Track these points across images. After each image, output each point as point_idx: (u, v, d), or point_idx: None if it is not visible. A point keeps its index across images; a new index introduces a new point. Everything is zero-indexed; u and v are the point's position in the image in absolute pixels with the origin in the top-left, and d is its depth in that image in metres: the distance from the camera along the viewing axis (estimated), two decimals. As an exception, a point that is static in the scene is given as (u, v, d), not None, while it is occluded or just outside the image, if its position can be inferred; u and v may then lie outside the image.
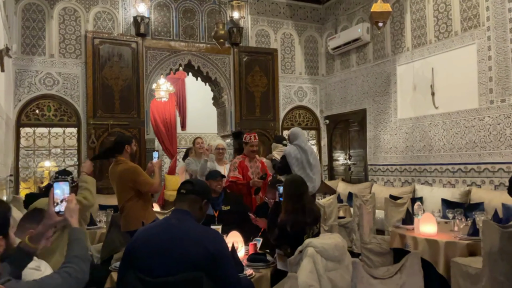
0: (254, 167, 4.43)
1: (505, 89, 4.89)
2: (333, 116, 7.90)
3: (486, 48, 5.11)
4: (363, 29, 6.86)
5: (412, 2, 6.20)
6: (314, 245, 2.15)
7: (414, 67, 6.15)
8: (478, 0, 5.21)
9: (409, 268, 1.88)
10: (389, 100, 6.60)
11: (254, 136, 4.47)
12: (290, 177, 3.16)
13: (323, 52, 8.06)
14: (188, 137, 9.95)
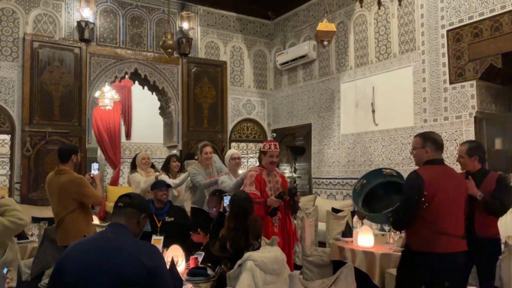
0: (273, 182, 3.69)
1: (437, 109, 5.24)
2: (280, 129, 8.03)
3: (421, 70, 5.46)
4: (309, 46, 7.09)
5: (355, 24, 6.51)
6: (254, 259, 2.16)
7: (356, 85, 6.43)
8: (414, 26, 5.57)
9: (343, 280, 1.94)
10: (333, 116, 6.84)
11: (275, 145, 3.70)
12: (238, 194, 3.10)
13: (271, 67, 8.22)
14: (132, 147, 9.67)
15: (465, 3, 4.96)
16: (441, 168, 2.65)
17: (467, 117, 4.91)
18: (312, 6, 7.35)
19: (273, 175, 3.74)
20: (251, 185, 3.55)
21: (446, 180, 2.57)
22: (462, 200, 2.63)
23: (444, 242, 2.46)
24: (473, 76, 4.86)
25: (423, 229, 2.49)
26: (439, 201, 2.45)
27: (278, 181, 3.72)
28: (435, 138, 2.74)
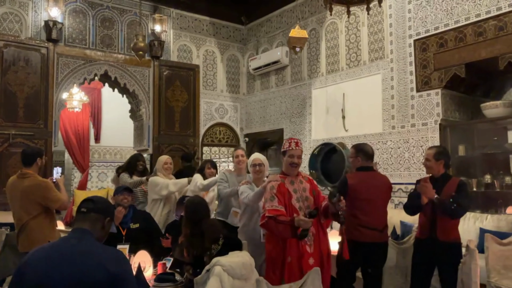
0: (299, 191, 2.90)
1: (405, 116, 5.39)
2: (252, 134, 8.06)
3: (389, 78, 5.61)
4: (282, 52, 7.16)
5: (327, 31, 6.62)
6: (222, 264, 2.15)
7: (327, 91, 6.53)
8: (383, 34, 5.72)
9: (310, 284, 1.96)
10: (304, 121, 6.92)
11: (296, 142, 2.97)
12: (191, 199, 3.06)
13: (244, 72, 8.24)
14: (102, 150, 9.46)
15: (431, 14, 5.14)
16: (368, 174, 3.32)
17: (433, 124, 5.08)
18: (285, 12, 7.43)
19: (298, 182, 2.93)
20: (272, 200, 2.78)
21: (369, 184, 3.23)
22: (381, 200, 3.29)
23: (364, 233, 3.14)
24: (438, 85, 5.03)
25: (350, 221, 3.07)
26: (362, 200, 3.09)
27: (305, 188, 2.92)
28: (366, 150, 3.40)
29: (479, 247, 3.46)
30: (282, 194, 2.84)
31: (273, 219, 2.69)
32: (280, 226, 2.67)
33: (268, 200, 2.83)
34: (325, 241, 2.95)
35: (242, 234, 3.40)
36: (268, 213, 2.72)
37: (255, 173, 3.57)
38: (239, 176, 3.97)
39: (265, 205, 2.84)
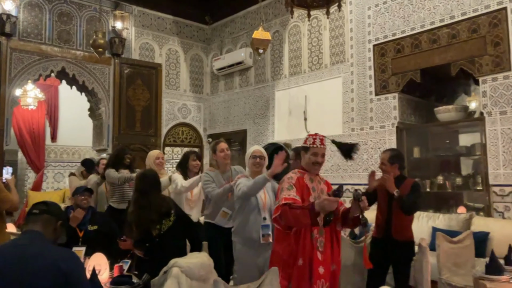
0: (317, 190, 2.65)
1: (364, 119, 5.54)
2: (216, 134, 8.01)
3: (349, 81, 5.75)
4: (246, 53, 7.18)
5: (290, 34, 6.70)
6: (180, 265, 2.13)
7: (290, 93, 6.61)
8: (344, 39, 5.86)
9: (268, 284, 1.97)
10: (267, 122, 6.96)
11: (321, 140, 2.69)
12: (142, 171, 3.04)
13: (208, 72, 8.19)
14: (59, 149, 9.11)
15: (389, 20, 5.32)
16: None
17: (390, 127, 5.25)
18: (249, 14, 7.45)
19: (317, 181, 2.68)
20: (290, 189, 2.50)
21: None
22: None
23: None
24: (396, 89, 5.21)
25: None
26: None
27: (323, 190, 2.68)
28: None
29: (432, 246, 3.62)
30: (301, 187, 2.57)
31: (288, 206, 2.37)
32: (297, 211, 2.33)
33: (284, 189, 2.50)
34: (338, 252, 2.61)
35: (237, 235, 3.12)
36: (284, 200, 2.42)
37: (254, 165, 3.20)
38: (224, 174, 3.56)
39: (281, 194, 2.50)
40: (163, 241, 2.78)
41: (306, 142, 2.69)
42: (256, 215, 3.05)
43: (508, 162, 4.19)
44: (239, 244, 3.08)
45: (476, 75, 4.51)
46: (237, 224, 3.15)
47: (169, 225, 2.75)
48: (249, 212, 3.08)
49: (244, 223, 3.06)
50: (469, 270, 3.29)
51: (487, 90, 4.40)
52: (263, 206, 3.08)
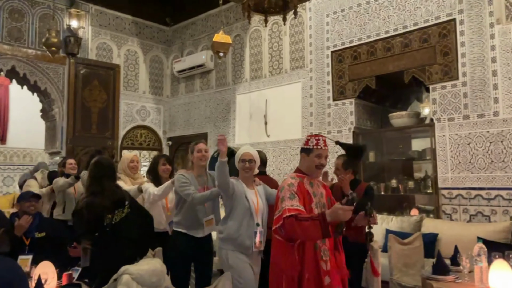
0: (318, 195, 2.48)
1: (322, 123, 5.65)
2: (176, 137, 7.91)
3: (308, 87, 5.85)
4: (207, 56, 7.14)
5: (251, 38, 6.73)
6: (130, 272, 2.07)
7: (251, 97, 6.64)
8: (304, 44, 5.96)
9: (220, 289, 1.96)
10: (228, 126, 6.95)
11: (324, 140, 2.50)
12: (96, 158, 2.90)
13: (168, 74, 8.08)
14: (8, 152, 8.67)
15: (347, 28, 5.46)
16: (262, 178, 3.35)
17: (347, 132, 5.38)
18: (211, 16, 7.43)
19: (316, 185, 2.51)
20: (292, 198, 2.28)
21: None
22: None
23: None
24: (352, 95, 5.35)
25: None
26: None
27: (322, 194, 2.53)
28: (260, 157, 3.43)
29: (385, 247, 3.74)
30: (302, 195, 2.36)
31: (294, 218, 2.17)
32: (305, 223, 2.13)
33: (286, 199, 2.29)
34: (342, 260, 2.47)
35: (228, 242, 2.88)
36: (289, 212, 2.20)
37: (244, 170, 2.98)
38: (199, 177, 3.25)
39: (279, 205, 2.30)
40: (114, 232, 2.61)
41: (308, 144, 2.50)
42: (248, 220, 2.87)
43: (455, 166, 4.40)
44: (230, 252, 2.84)
45: (426, 83, 4.71)
46: (227, 231, 2.89)
47: (122, 216, 2.63)
48: (241, 217, 2.87)
49: (236, 229, 2.85)
50: (418, 270, 3.42)
51: (436, 98, 4.61)
52: (256, 211, 2.90)
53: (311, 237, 2.21)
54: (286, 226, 2.18)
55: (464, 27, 4.44)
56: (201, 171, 3.28)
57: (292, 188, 2.33)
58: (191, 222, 3.15)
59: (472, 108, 4.33)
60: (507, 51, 4.14)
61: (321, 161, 2.44)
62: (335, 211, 2.10)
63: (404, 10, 4.93)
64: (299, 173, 2.49)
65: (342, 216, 2.10)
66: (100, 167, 2.79)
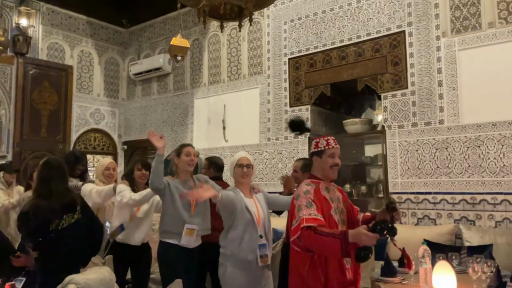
0: (335, 201, 2.34)
1: (279, 129, 5.72)
2: (131, 142, 7.73)
3: (266, 92, 5.91)
4: (165, 59, 7.05)
5: (209, 43, 6.72)
6: (76, 282, 2.00)
7: (209, 102, 6.61)
8: (262, 51, 6.02)
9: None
10: (186, 130, 6.88)
11: (334, 139, 2.42)
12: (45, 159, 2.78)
13: (124, 76, 7.89)
14: (-52, 156, 8.10)
15: (303, 35, 5.58)
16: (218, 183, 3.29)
17: (303, 137, 5.47)
18: (169, 20, 7.34)
19: (332, 190, 2.39)
20: (309, 207, 2.13)
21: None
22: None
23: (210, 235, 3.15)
24: (308, 101, 5.46)
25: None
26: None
27: (339, 199, 2.38)
28: (218, 163, 3.74)
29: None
30: (320, 202, 2.20)
31: (312, 229, 2.02)
32: (325, 239, 1.98)
33: (303, 207, 2.13)
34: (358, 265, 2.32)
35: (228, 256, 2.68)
36: (306, 222, 2.05)
37: (241, 176, 2.79)
38: (185, 181, 3.07)
39: (296, 214, 2.14)
40: (59, 238, 2.50)
41: (319, 146, 2.38)
42: (251, 232, 2.66)
43: (404, 171, 4.59)
44: (229, 268, 2.65)
45: (378, 91, 4.90)
46: (227, 244, 2.69)
47: (71, 222, 2.52)
48: (242, 231, 2.66)
49: (237, 243, 2.64)
50: (369, 272, 3.52)
51: (387, 105, 4.80)
52: (258, 222, 2.68)
53: (330, 254, 2.09)
54: (305, 237, 2.05)
55: (413, 39, 4.66)
56: (186, 176, 3.10)
57: (308, 196, 2.18)
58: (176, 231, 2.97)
59: (420, 116, 4.55)
60: (452, 62, 4.39)
61: (335, 160, 2.33)
62: (358, 236, 1.95)
63: (357, 20, 5.11)
64: (314, 179, 2.36)
65: (366, 242, 1.94)
66: (49, 168, 2.67)
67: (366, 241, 1.94)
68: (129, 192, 3.24)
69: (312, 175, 2.39)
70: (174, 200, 2.96)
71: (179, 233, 2.95)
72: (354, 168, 5.52)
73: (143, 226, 3.42)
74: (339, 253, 1.98)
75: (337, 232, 2.03)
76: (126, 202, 3.18)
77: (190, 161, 3.06)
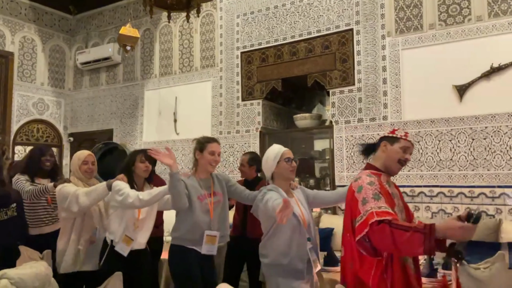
0: (396, 197, 2.09)
1: (231, 123, 5.73)
2: (78, 134, 7.43)
3: (219, 86, 5.88)
4: (114, 49, 6.82)
5: (161, 33, 6.58)
6: (9, 277, 1.90)
7: (160, 94, 6.48)
8: (214, 44, 5.98)
9: None
10: (136, 122, 6.71)
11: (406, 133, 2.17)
12: None
13: (71, 65, 7.56)
14: None
15: (256, 30, 5.61)
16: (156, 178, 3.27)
17: (254, 132, 5.52)
18: (119, 8, 7.11)
19: (392, 185, 2.13)
20: (377, 199, 1.86)
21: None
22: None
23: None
24: (260, 96, 5.51)
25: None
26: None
27: (398, 196, 2.12)
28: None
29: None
30: (386, 196, 1.93)
31: (386, 222, 1.74)
32: (406, 234, 1.69)
33: (370, 200, 1.85)
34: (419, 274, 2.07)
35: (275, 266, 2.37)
36: (377, 216, 1.77)
37: (290, 171, 2.49)
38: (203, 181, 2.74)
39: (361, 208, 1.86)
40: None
41: (394, 132, 2.12)
42: (299, 238, 2.35)
43: (350, 165, 4.76)
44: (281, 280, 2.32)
45: (327, 87, 5.03)
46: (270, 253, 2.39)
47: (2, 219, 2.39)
48: (289, 237, 2.34)
49: (285, 253, 2.32)
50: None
51: (335, 101, 4.94)
52: (304, 223, 2.38)
53: (407, 251, 1.79)
54: (375, 234, 1.76)
55: (360, 37, 4.82)
56: (206, 175, 2.78)
57: (375, 188, 1.91)
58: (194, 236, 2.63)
59: (365, 112, 4.72)
60: (396, 61, 4.59)
61: (406, 156, 2.08)
62: (452, 228, 1.65)
63: (308, 17, 5.21)
64: (374, 171, 2.08)
65: (462, 236, 1.65)
66: None
67: (462, 235, 1.65)
68: (133, 191, 2.76)
69: (372, 166, 2.12)
70: (191, 202, 2.61)
71: (198, 240, 2.63)
72: (303, 162, 5.63)
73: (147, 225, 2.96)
74: (421, 249, 1.67)
75: (420, 226, 1.70)
76: (131, 203, 2.69)
77: (213, 161, 2.74)
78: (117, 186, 2.76)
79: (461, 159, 4.18)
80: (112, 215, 2.83)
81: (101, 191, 2.81)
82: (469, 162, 4.14)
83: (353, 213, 1.92)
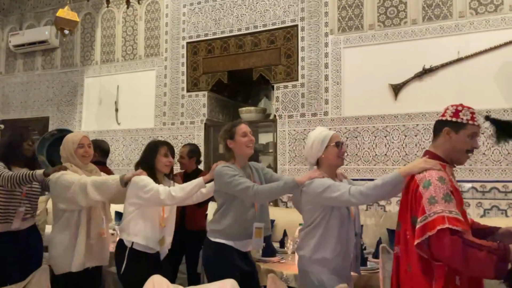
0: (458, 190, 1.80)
1: (175, 114, 5.63)
2: (10, 121, 6.95)
3: (163, 75, 5.75)
4: (51, 32, 6.43)
5: (103, 19, 6.31)
6: None
7: (101, 81, 6.23)
8: (159, 32, 5.83)
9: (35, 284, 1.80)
10: (74, 111, 6.40)
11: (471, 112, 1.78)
12: None
13: (3, 47, 7.04)
14: None
15: (202, 21, 5.54)
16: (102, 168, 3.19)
17: (199, 123, 5.47)
18: (57, -11, 6.72)
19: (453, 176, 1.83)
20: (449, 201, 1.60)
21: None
22: None
23: None
24: (206, 88, 5.46)
25: None
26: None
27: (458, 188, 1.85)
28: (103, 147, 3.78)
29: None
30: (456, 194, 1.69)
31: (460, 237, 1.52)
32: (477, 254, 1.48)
33: (440, 201, 1.58)
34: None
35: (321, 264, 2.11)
36: (450, 224, 1.53)
37: (340, 157, 2.25)
38: (243, 169, 2.49)
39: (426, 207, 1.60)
40: None
41: (459, 116, 1.74)
42: (347, 232, 2.15)
43: (292, 159, 4.87)
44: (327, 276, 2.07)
45: (272, 82, 5.09)
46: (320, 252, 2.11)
47: None
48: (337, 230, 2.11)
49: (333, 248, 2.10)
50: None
51: (279, 96, 5.02)
52: (352, 215, 2.18)
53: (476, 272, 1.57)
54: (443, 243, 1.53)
55: (305, 33, 4.92)
56: (244, 161, 2.53)
57: (446, 186, 1.63)
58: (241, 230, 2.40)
59: (307, 108, 4.84)
60: (337, 59, 4.73)
61: (474, 144, 1.75)
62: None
63: (255, 11, 5.22)
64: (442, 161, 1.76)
65: None
66: None
67: None
68: (162, 186, 2.49)
69: (434, 155, 1.78)
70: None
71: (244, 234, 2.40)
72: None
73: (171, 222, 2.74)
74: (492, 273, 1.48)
75: (494, 246, 1.50)
76: (162, 201, 2.42)
77: (249, 142, 2.52)
78: (142, 181, 2.47)
79: (394, 154, 4.42)
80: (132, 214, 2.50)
81: (113, 186, 2.49)
82: (402, 158, 4.38)
83: (413, 209, 1.68)
